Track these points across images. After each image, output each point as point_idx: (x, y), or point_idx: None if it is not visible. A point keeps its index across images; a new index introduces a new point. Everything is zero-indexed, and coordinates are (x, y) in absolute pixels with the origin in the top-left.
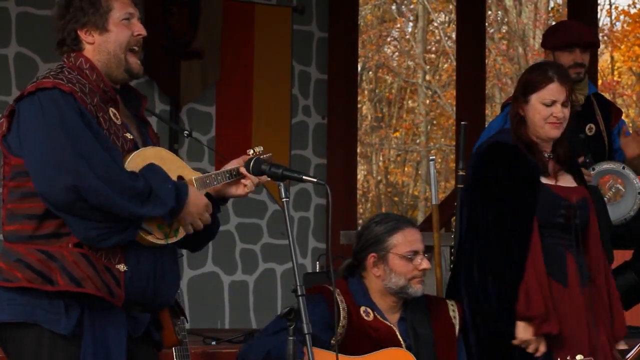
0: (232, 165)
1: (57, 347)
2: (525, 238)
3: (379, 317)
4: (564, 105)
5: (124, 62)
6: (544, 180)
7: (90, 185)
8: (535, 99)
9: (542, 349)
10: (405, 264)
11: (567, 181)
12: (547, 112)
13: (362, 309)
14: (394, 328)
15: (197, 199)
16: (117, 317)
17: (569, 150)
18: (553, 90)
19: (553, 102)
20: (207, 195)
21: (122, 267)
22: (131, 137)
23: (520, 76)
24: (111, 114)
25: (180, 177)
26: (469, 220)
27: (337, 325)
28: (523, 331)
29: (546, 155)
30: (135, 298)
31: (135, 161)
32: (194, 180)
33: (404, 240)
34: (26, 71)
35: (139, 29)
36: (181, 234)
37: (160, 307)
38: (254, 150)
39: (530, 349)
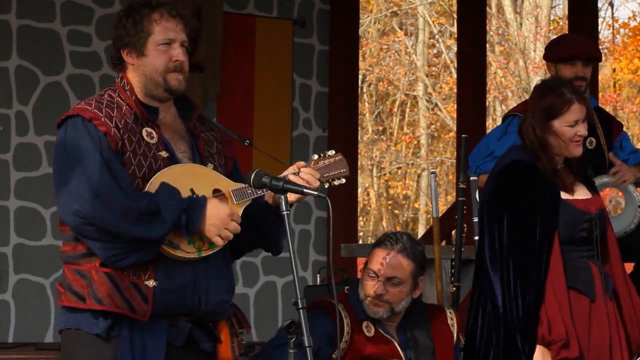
0: (286, 172)
1: (94, 347)
2: (547, 258)
3: (380, 330)
4: (583, 122)
5: (162, 83)
6: (564, 195)
7: (93, 210)
8: (559, 123)
9: None
10: (366, 282)
11: (583, 193)
12: (572, 132)
13: (365, 324)
14: (394, 342)
15: (217, 210)
16: (157, 324)
17: (582, 161)
18: (575, 112)
19: (576, 122)
20: (265, 204)
21: (151, 282)
22: (166, 155)
23: (534, 100)
24: (144, 134)
25: (216, 190)
26: (491, 244)
27: (341, 339)
28: (541, 355)
29: (559, 166)
30: (170, 310)
31: (159, 180)
32: (231, 192)
33: (369, 259)
34: (27, 84)
35: (177, 55)
36: (217, 246)
37: (210, 318)
38: (319, 155)
39: None
